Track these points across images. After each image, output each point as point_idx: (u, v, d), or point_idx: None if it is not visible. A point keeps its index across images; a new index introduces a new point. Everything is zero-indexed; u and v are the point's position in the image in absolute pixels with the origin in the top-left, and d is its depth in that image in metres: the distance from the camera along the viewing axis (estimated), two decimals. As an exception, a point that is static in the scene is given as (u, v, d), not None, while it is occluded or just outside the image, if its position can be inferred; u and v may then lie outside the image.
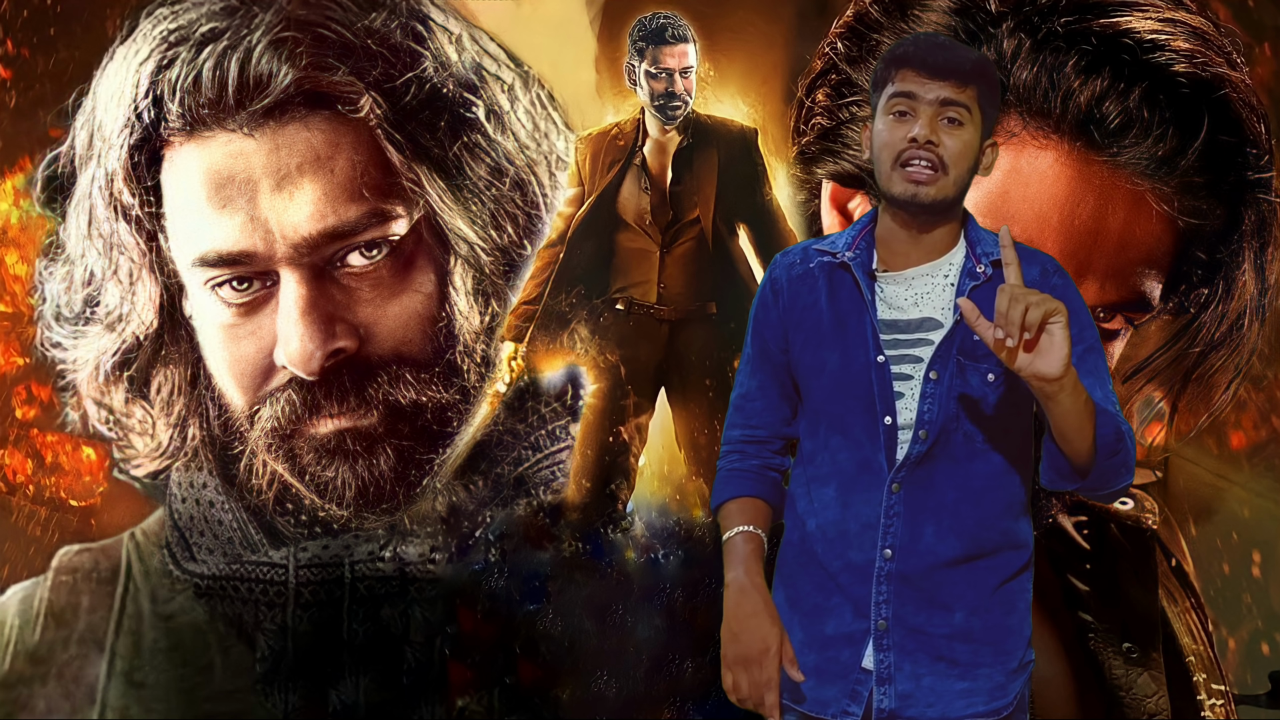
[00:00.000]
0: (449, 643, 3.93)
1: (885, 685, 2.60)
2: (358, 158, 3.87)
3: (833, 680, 2.61)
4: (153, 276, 3.97)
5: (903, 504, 2.58)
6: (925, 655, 2.60)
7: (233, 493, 4.05)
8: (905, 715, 2.60)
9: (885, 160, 2.56)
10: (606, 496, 3.91)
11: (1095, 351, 2.61)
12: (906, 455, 2.58)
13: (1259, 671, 4.22)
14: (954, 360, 2.58)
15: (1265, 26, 4.21)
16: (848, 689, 2.61)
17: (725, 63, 3.92)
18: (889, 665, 2.59)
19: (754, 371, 2.70)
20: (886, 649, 2.60)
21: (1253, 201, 3.58)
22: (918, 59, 2.56)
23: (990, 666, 2.62)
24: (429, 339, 3.96)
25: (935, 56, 2.56)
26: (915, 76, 2.55)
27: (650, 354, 3.91)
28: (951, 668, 2.60)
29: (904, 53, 2.58)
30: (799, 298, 2.65)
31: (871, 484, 2.59)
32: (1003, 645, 2.64)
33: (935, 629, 2.60)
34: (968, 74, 2.55)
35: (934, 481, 2.59)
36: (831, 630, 2.62)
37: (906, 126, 2.54)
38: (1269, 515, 4.47)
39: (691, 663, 3.87)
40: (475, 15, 4.05)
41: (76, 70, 4.06)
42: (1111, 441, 2.51)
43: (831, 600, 2.63)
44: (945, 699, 2.60)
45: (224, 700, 4.04)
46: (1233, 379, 3.72)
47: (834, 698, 2.61)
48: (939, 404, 2.57)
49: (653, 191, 3.90)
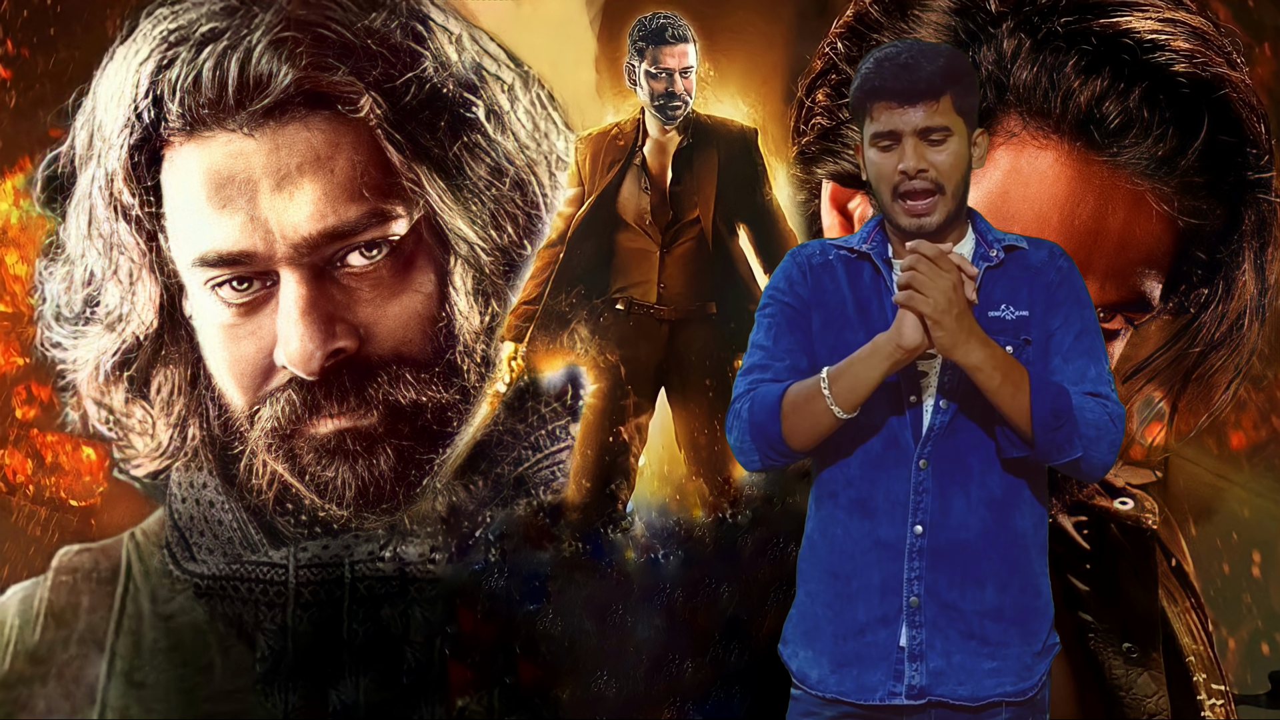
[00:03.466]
0: (449, 643, 3.93)
1: (917, 662, 2.63)
2: (358, 158, 3.87)
3: (874, 664, 2.65)
4: (153, 276, 3.97)
5: (931, 478, 2.61)
6: (956, 632, 2.63)
7: (233, 493, 4.05)
8: (936, 692, 2.63)
9: (884, 191, 2.63)
10: (606, 496, 3.91)
11: (1092, 333, 2.69)
12: (930, 426, 2.63)
13: (1259, 671, 4.22)
14: None
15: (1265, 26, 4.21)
16: (891, 670, 2.64)
17: (725, 63, 3.92)
18: (920, 642, 2.63)
19: (779, 337, 2.71)
20: (919, 625, 2.62)
21: (1253, 201, 3.58)
22: (886, 89, 2.60)
23: (1018, 646, 2.67)
24: (429, 339, 3.96)
25: (901, 82, 2.60)
26: (889, 107, 2.60)
27: (650, 354, 3.91)
28: (982, 646, 2.64)
29: (873, 86, 2.62)
30: (820, 281, 2.71)
31: (899, 460, 2.64)
32: (1029, 626, 2.68)
33: (968, 605, 2.63)
34: (939, 89, 2.60)
35: (959, 453, 2.64)
36: (864, 615, 2.65)
37: (895, 157, 2.60)
38: (1269, 515, 4.47)
39: (691, 663, 3.87)
40: (475, 15, 4.05)
41: (76, 70, 4.06)
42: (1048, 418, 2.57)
43: (853, 584, 2.65)
44: (975, 677, 2.64)
45: (224, 700, 4.04)
46: (1233, 379, 3.72)
47: (879, 681, 2.65)
48: (960, 373, 2.60)
49: (653, 191, 3.90)
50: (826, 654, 2.68)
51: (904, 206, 2.61)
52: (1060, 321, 2.67)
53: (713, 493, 3.90)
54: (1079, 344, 2.66)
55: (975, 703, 2.65)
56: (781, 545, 3.82)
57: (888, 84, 2.60)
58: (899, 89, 2.59)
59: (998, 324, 2.64)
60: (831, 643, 2.67)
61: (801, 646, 2.72)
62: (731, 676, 3.86)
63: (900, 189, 2.61)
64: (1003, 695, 2.66)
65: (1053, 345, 2.67)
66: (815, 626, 2.69)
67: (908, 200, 2.61)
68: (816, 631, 2.69)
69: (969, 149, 2.64)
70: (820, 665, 2.69)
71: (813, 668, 2.70)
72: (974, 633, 2.64)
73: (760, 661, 2.75)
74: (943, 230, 2.64)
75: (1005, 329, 2.64)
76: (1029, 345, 2.66)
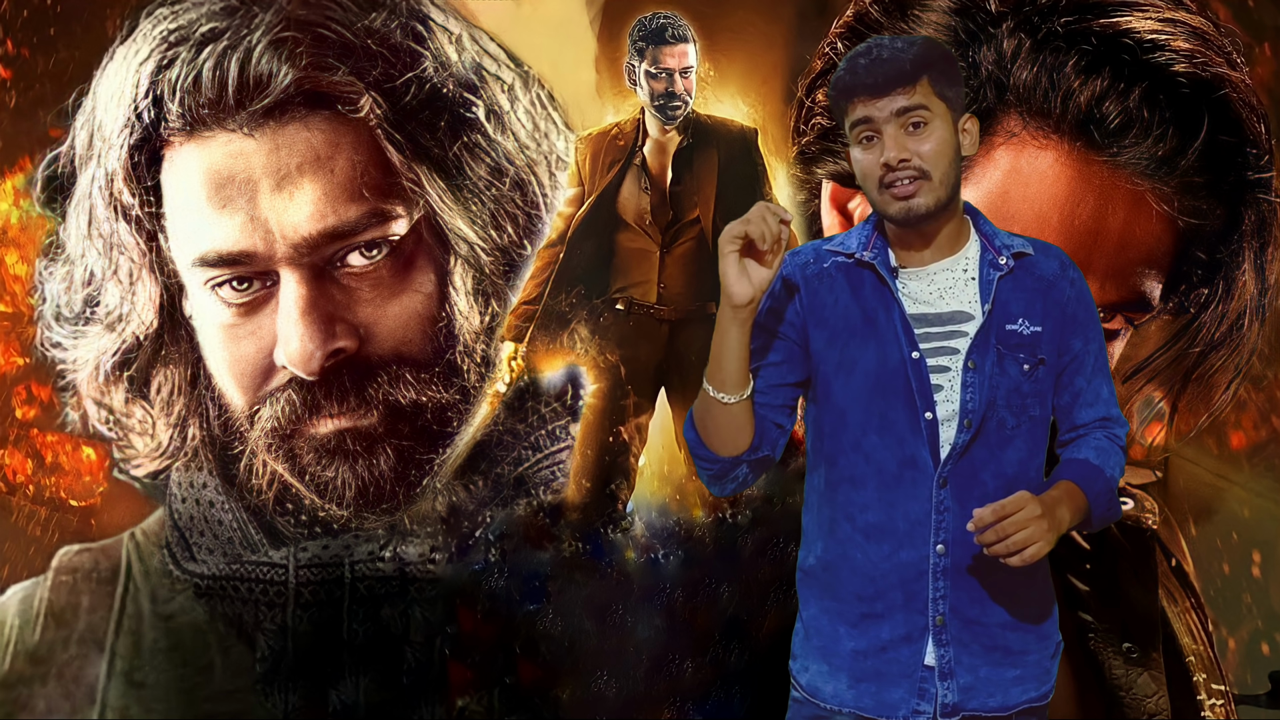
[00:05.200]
0: (449, 643, 3.93)
1: (948, 680, 2.62)
2: (358, 158, 3.87)
3: (896, 681, 2.63)
4: (153, 276, 3.97)
5: (951, 498, 2.60)
6: (980, 646, 2.64)
7: (233, 493, 4.05)
8: (968, 708, 2.63)
9: (870, 188, 2.60)
10: (606, 496, 3.91)
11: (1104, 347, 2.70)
12: (953, 447, 2.60)
13: (1259, 671, 4.22)
14: (994, 349, 2.60)
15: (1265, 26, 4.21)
16: (914, 688, 2.63)
17: (725, 63, 3.92)
18: (949, 660, 2.62)
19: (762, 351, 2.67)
20: (946, 644, 2.62)
21: (1253, 201, 3.58)
22: (859, 85, 2.58)
23: (1036, 652, 2.69)
24: (429, 339, 3.96)
25: (873, 75, 2.57)
26: (864, 101, 2.57)
27: (650, 354, 3.91)
28: (1005, 657, 2.64)
29: (846, 84, 2.60)
30: (818, 295, 2.66)
31: (917, 479, 2.61)
32: (1042, 629, 2.70)
33: (990, 619, 2.63)
34: (911, 74, 2.56)
35: (974, 470, 2.62)
36: (888, 634, 2.63)
37: (877, 150, 2.57)
38: (1269, 515, 4.47)
39: (691, 663, 3.87)
40: (475, 15, 4.05)
41: (76, 70, 4.06)
42: (1106, 516, 2.65)
43: (878, 605, 2.63)
44: (1003, 688, 2.65)
45: (224, 700, 4.04)
46: (1233, 379, 3.72)
47: (902, 699, 2.63)
48: (980, 393, 2.59)
49: (653, 191, 3.90)
50: (845, 669, 2.66)
51: (889, 194, 2.57)
52: (1082, 342, 2.67)
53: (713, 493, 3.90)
54: (1098, 363, 2.67)
55: (1005, 712, 2.65)
56: (781, 545, 3.82)
57: (860, 79, 2.57)
58: (871, 81, 2.56)
59: (1014, 338, 2.61)
60: (850, 659, 2.65)
61: (814, 661, 2.70)
62: (731, 676, 3.86)
63: (885, 181, 2.57)
64: (1029, 701, 2.67)
65: (1075, 365, 2.66)
66: (833, 643, 2.67)
67: (892, 188, 2.56)
68: (834, 647, 2.67)
69: (955, 135, 2.59)
70: (837, 680, 2.66)
71: (827, 682, 2.68)
72: (997, 645, 2.64)
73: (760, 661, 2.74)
74: (935, 217, 2.61)
75: (1022, 345, 2.62)
76: (1043, 365, 2.63)
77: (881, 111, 2.56)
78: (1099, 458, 2.63)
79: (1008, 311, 2.63)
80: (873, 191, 2.59)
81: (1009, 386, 2.60)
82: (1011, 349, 2.61)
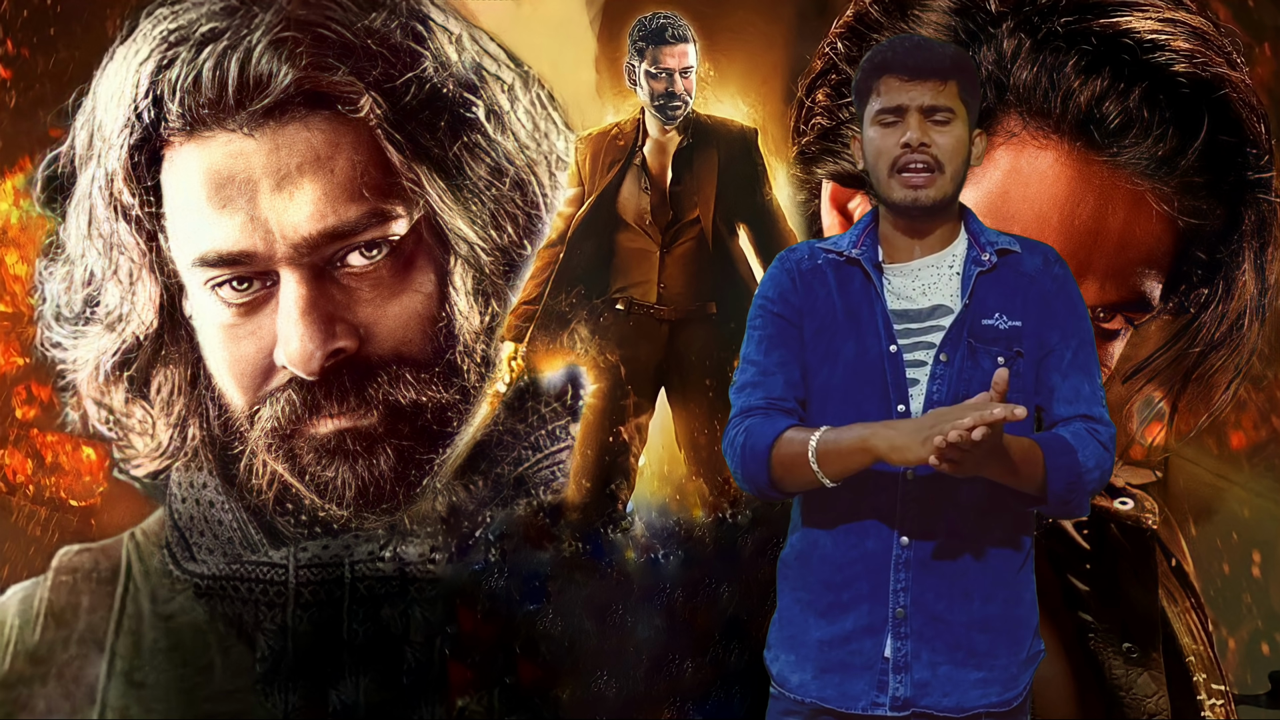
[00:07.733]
0: (449, 643, 3.93)
1: (901, 673, 2.61)
2: (358, 158, 3.87)
3: (859, 673, 2.63)
4: (153, 276, 3.97)
5: (918, 490, 2.60)
6: (943, 643, 2.62)
7: (233, 493, 4.05)
8: (920, 704, 2.62)
9: (882, 168, 2.60)
10: (606, 496, 3.91)
11: (1088, 345, 2.67)
12: None
13: (1259, 671, 4.22)
14: (965, 343, 2.61)
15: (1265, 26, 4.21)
16: (874, 680, 2.62)
17: (725, 63, 3.92)
18: (905, 653, 2.61)
19: (769, 350, 2.68)
20: (904, 637, 2.61)
21: (1253, 201, 3.58)
22: (897, 63, 2.60)
23: (1006, 656, 2.66)
24: (429, 339, 3.96)
25: (914, 58, 2.60)
26: (897, 81, 2.59)
27: (650, 354, 3.91)
28: (969, 657, 2.63)
29: (883, 59, 2.61)
30: (811, 288, 2.68)
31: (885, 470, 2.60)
32: (1015, 635, 2.67)
33: (955, 617, 2.62)
34: (947, 70, 2.59)
35: None
36: (853, 624, 2.64)
37: (898, 133, 2.59)
38: (1269, 515, 4.47)
39: (691, 663, 3.87)
40: (475, 15, 4.05)
41: (76, 70, 4.06)
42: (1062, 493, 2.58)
43: (845, 595, 2.64)
44: (961, 688, 2.63)
45: (224, 700, 4.04)
46: (1233, 379, 3.72)
47: (862, 690, 2.63)
48: (948, 385, 2.59)
49: (653, 191, 3.90)
50: (810, 660, 2.66)
51: (901, 179, 2.58)
52: (1059, 337, 2.65)
53: (713, 493, 3.90)
54: (1076, 360, 2.64)
55: (960, 713, 2.63)
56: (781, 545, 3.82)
57: (899, 58, 2.59)
58: (910, 64, 2.58)
59: (990, 333, 2.61)
60: (816, 649, 2.65)
61: (784, 651, 2.71)
62: (731, 676, 3.86)
63: (900, 162, 2.58)
64: (988, 706, 2.64)
65: (1051, 361, 2.65)
66: (802, 632, 2.68)
67: (905, 173, 2.58)
68: (803, 637, 2.68)
69: (970, 139, 2.62)
70: (803, 670, 2.67)
71: (794, 672, 2.68)
72: (961, 644, 2.62)
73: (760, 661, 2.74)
74: (935, 214, 2.62)
75: (998, 338, 2.61)
76: (1021, 358, 2.63)
77: (912, 98, 2.58)
78: (1074, 440, 2.62)
79: (985, 306, 2.63)
80: (883, 174, 2.60)
81: (982, 380, 2.60)
82: (986, 343, 2.61)
